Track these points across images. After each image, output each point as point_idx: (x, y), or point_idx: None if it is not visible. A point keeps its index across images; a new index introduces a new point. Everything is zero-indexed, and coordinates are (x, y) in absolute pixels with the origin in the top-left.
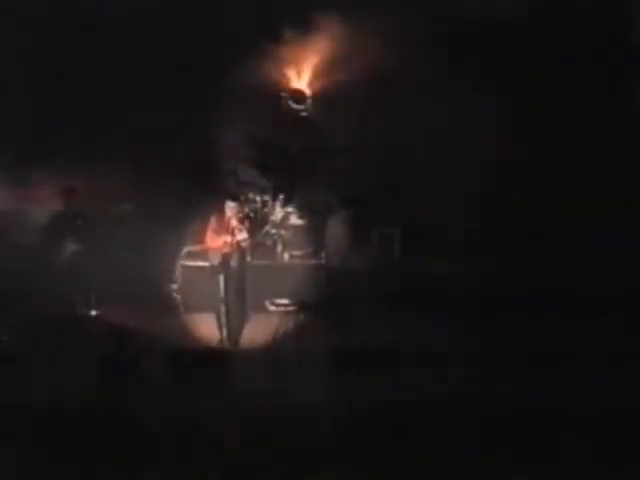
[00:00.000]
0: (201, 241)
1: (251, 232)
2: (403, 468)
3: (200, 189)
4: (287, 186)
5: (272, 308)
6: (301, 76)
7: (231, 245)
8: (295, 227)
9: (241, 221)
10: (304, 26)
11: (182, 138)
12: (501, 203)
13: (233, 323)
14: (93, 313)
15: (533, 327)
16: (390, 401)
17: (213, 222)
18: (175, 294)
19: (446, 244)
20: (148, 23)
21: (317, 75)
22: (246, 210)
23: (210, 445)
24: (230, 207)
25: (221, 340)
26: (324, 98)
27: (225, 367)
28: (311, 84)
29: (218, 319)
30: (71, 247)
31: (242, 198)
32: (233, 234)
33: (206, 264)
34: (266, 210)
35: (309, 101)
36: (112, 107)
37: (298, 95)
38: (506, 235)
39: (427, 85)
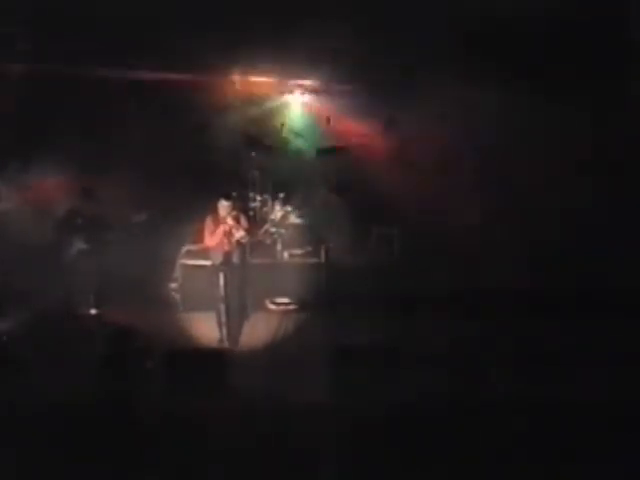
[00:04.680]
0: (201, 240)
1: (250, 229)
2: (403, 468)
3: (200, 189)
4: (286, 185)
5: (272, 307)
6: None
7: (230, 244)
8: (294, 226)
9: (236, 219)
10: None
11: (182, 138)
12: (500, 202)
13: (233, 322)
14: (93, 312)
15: (533, 327)
16: (390, 401)
17: (209, 222)
18: (175, 293)
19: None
20: (148, 24)
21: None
22: (240, 207)
23: (210, 444)
24: (223, 206)
25: (221, 339)
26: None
27: (225, 366)
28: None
29: (218, 318)
30: (79, 246)
31: (234, 196)
32: (230, 233)
33: (206, 263)
34: (265, 209)
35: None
36: (111, 107)
37: None
38: (506, 235)
39: (429, 80)
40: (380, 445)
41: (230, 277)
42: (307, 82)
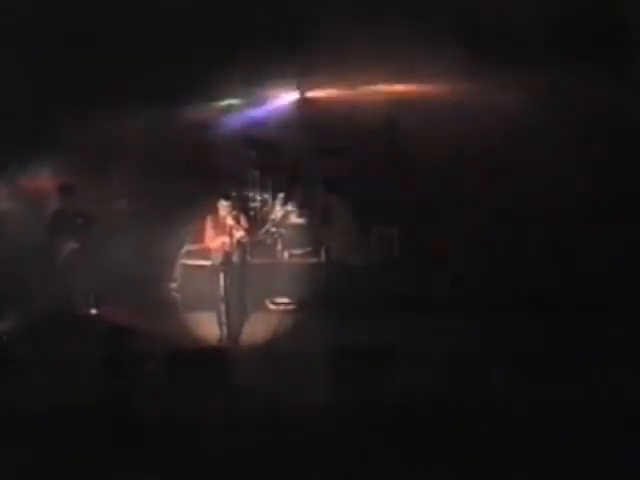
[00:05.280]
0: (201, 240)
1: (250, 230)
2: (403, 468)
3: (199, 188)
4: (287, 185)
5: (272, 307)
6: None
7: (230, 244)
8: (295, 226)
9: (236, 219)
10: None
11: (182, 138)
12: (500, 202)
13: (233, 322)
14: (93, 312)
15: (533, 327)
16: (390, 401)
17: (209, 222)
18: (175, 293)
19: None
20: (147, 26)
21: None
22: (240, 207)
23: (210, 444)
24: (223, 206)
25: (221, 339)
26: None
27: (225, 366)
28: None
29: (218, 318)
30: (71, 245)
31: (234, 196)
32: (231, 233)
33: (206, 263)
34: (266, 209)
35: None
36: (112, 106)
37: None
38: (506, 235)
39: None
40: (380, 445)
41: (230, 277)
42: (307, 82)
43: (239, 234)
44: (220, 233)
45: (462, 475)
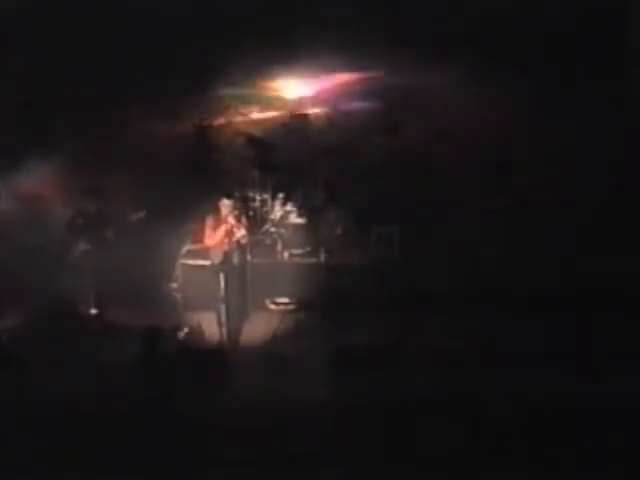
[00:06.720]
0: (201, 240)
1: (250, 229)
2: (402, 467)
3: (200, 188)
4: (286, 185)
5: (272, 307)
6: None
7: (230, 244)
8: (295, 226)
9: (238, 219)
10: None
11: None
12: (501, 202)
13: (233, 322)
14: (93, 312)
15: (533, 327)
16: (390, 400)
17: (210, 221)
18: (175, 293)
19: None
20: (148, 26)
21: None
22: (241, 207)
23: (209, 444)
24: (225, 205)
25: (221, 339)
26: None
27: (225, 366)
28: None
29: (218, 318)
30: (83, 246)
31: (237, 195)
32: (231, 232)
33: (206, 262)
34: (266, 209)
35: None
36: (112, 106)
37: None
38: (506, 234)
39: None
40: (380, 444)
41: (230, 277)
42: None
43: (240, 233)
44: (221, 232)
45: (462, 475)
